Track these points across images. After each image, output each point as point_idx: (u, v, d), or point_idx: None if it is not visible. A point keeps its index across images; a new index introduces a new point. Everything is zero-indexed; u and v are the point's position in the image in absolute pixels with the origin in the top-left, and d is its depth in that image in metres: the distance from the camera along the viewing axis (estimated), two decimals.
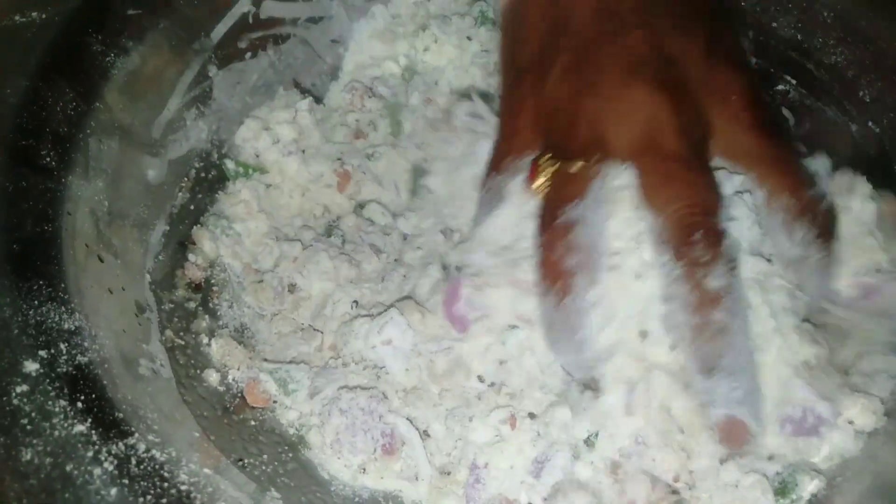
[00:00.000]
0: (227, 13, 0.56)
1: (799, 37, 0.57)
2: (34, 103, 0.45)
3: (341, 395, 0.47)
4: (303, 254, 0.54)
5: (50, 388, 0.36)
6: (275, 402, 0.49)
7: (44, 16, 0.48)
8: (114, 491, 0.34)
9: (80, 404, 0.36)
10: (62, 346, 0.38)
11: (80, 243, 0.44)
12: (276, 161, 0.58)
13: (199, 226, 0.55)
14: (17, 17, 0.47)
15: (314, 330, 0.51)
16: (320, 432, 0.47)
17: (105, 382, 0.38)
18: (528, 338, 0.44)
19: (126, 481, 0.34)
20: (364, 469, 0.47)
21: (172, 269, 0.52)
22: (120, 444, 0.35)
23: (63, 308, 0.39)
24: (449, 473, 0.45)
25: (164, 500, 0.34)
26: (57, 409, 0.35)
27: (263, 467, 0.44)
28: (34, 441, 0.34)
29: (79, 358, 0.38)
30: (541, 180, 0.42)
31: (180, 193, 0.54)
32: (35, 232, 0.41)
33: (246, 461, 0.43)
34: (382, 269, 0.53)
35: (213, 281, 0.53)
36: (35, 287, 0.39)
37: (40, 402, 0.35)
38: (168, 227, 0.53)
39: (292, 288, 0.53)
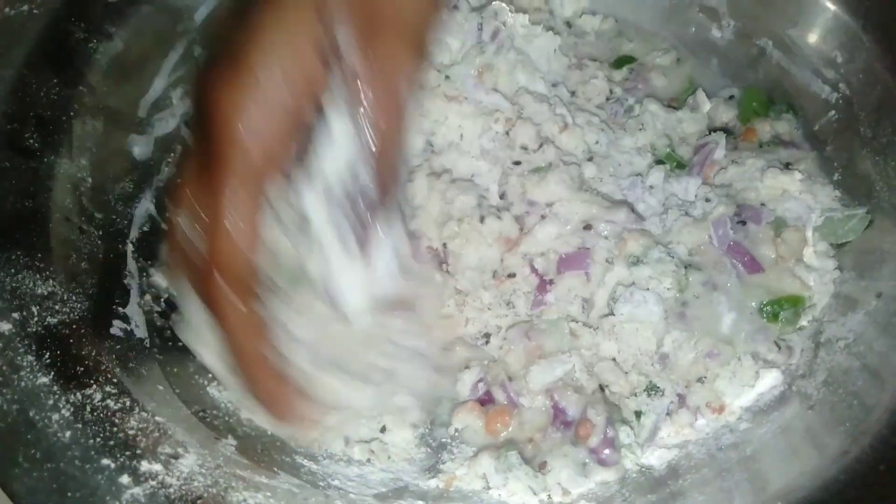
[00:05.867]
0: None
1: None
2: (19, 91, 0.49)
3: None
4: None
5: (20, 345, 0.41)
6: None
7: (33, 8, 0.52)
8: (69, 433, 0.39)
9: (45, 359, 0.41)
10: (34, 308, 0.43)
11: (61, 217, 0.48)
12: None
13: None
14: (7, 10, 0.52)
15: None
16: None
17: (71, 341, 0.43)
18: None
19: (80, 426, 0.39)
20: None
21: (158, 241, 0.56)
22: (78, 394, 0.40)
23: (38, 275, 0.44)
24: None
25: (112, 442, 0.39)
26: (25, 364, 0.40)
27: (227, 418, 0.48)
28: (4, 390, 0.39)
29: (48, 319, 0.43)
30: None
31: (167, 168, 0.58)
32: (16, 208, 0.46)
33: (208, 412, 0.47)
34: None
35: None
36: (13, 257, 0.44)
37: (10, 357, 0.40)
38: (154, 201, 0.57)
39: None
